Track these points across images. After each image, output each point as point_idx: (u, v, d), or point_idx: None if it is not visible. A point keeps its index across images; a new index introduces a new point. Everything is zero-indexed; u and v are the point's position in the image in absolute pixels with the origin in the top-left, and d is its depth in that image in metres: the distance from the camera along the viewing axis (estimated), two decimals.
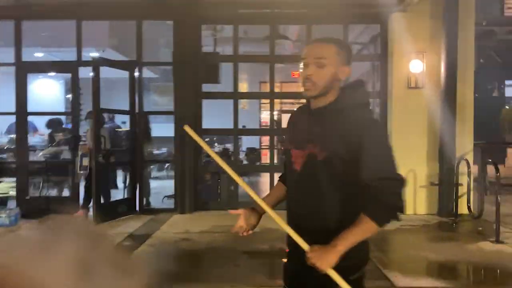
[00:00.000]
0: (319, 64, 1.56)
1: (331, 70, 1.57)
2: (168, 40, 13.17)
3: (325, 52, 1.57)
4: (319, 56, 1.56)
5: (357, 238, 1.48)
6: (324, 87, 1.58)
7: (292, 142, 1.68)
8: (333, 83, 1.59)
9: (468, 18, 6.45)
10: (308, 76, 1.57)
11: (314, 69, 1.56)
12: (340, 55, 1.58)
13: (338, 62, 1.58)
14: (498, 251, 4.63)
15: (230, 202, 7.02)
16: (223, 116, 9.17)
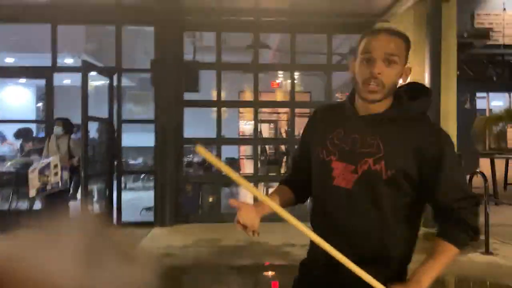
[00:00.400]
0: (391, 61, 1.30)
1: (400, 69, 1.33)
2: (145, 47, 12.95)
3: (396, 47, 1.31)
4: (390, 51, 1.30)
5: (440, 268, 1.30)
6: (391, 90, 1.34)
7: (330, 151, 1.39)
8: (397, 85, 1.36)
9: (450, 29, 6.52)
10: (376, 75, 1.29)
11: (383, 67, 1.29)
12: (407, 52, 1.36)
13: (405, 60, 1.35)
14: (488, 262, 4.59)
15: (212, 214, 6.81)
16: (201, 125, 8.97)
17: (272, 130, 16.69)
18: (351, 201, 1.35)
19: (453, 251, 1.30)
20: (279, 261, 4.77)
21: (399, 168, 1.30)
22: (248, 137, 17.11)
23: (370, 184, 1.32)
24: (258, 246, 5.32)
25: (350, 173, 1.34)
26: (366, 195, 1.33)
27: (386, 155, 1.30)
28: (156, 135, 6.45)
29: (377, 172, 1.30)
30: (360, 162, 1.32)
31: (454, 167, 1.33)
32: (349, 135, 1.37)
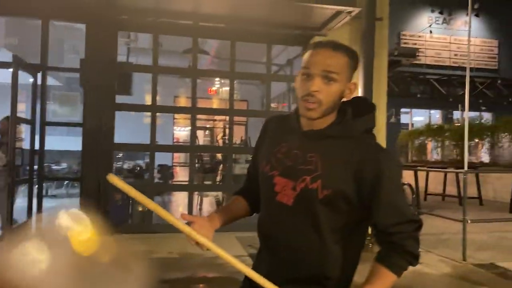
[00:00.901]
0: (330, 78, 1.24)
1: (340, 87, 1.26)
2: (73, 45, 12.22)
3: (337, 64, 1.25)
4: (329, 68, 1.24)
5: None
6: (330, 108, 1.27)
7: (274, 166, 1.34)
8: (339, 102, 1.30)
9: (382, 47, 6.84)
10: (313, 93, 1.24)
11: (321, 84, 1.24)
12: (351, 68, 1.29)
13: (348, 77, 1.29)
14: (414, 271, 4.78)
15: (142, 225, 6.49)
16: (133, 130, 8.60)
17: (208, 137, 16.50)
18: (290, 218, 1.30)
19: (390, 276, 1.26)
20: (214, 274, 4.62)
21: (336, 188, 1.24)
22: (184, 144, 16.81)
23: (307, 202, 1.27)
24: (192, 259, 5.14)
25: (290, 190, 1.29)
26: (305, 213, 1.28)
27: (324, 174, 1.25)
28: (84, 139, 6.03)
29: (313, 190, 1.25)
30: (299, 179, 1.28)
31: (394, 189, 1.27)
32: (291, 150, 1.33)
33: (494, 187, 11.43)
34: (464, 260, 5.14)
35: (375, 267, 1.27)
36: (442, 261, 5.19)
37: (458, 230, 6.03)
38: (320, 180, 1.25)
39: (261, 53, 10.07)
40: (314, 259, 1.29)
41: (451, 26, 16.16)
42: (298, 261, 1.30)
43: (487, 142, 12.65)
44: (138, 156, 13.02)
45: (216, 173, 9.58)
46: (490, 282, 4.42)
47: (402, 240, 1.26)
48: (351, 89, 1.31)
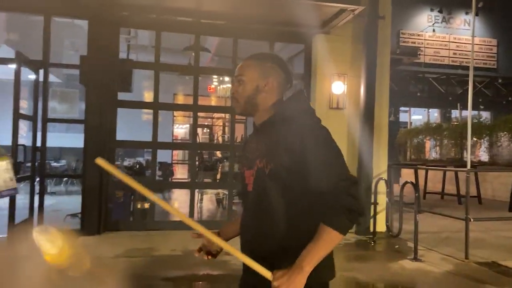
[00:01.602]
0: (239, 80, 1.57)
1: (251, 85, 1.55)
2: (72, 42, 12.16)
3: (243, 68, 1.58)
4: (238, 73, 1.58)
5: (322, 252, 1.35)
6: (247, 103, 1.56)
7: (244, 164, 1.62)
8: (257, 97, 1.55)
9: (385, 46, 6.84)
10: (231, 94, 1.62)
11: (236, 86, 1.57)
12: (260, 69, 1.56)
13: (260, 75, 1.55)
14: (417, 269, 4.82)
15: (144, 222, 6.48)
16: (131, 127, 8.56)
17: (206, 135, 16.47)
18: (252, 201, 1.53)
19: (331, 233, 1.34)
20: (217, 271, 4.61)
21: (276, 162, 1.44)
22: (184, 141, 16.79)
23: (260, 181, 1.48)
24: (195, 256, 5.13)
25: (251, 177, 1.54)
26: (260, 193, 1.48)
27: (267, 153, 1.48)
28: (85, 136, 6.01)
29: (261, 168, 1.48)
30: (254, 164, 1.52)
31: (321, 154, 1.41)
32: (250, 145, 1.61)
33: (493, 186, 11.47)
34: (466, 259, 5.16)
35: (319, 229, 1.36)
36: (444, 259, 5.20)
37: (458, 228, 6.05)
38: (265, 158, 1.48)
39: (261, 51, 10.06)
40: (273, 233, 1.45)
41: (451, 24, 16.17)
42: (261, 239, 1.48)
43: (485, 141, 12.68)
44: (136, 153, 13.00)
45: (216, 171, 9.57)
46: (493, 280, 4.44)
47: (336, 197, 1.36)
48: (267, 83, 1.55)
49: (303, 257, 1.32)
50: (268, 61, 1.58)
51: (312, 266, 1.32)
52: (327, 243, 1.35)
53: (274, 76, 1.56)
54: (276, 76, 1.56)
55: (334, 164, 1.42)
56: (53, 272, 0.71)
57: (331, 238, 1.34)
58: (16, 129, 5.20)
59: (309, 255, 1.32)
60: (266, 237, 1.46)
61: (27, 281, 0.74)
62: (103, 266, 0.82)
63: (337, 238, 1.35)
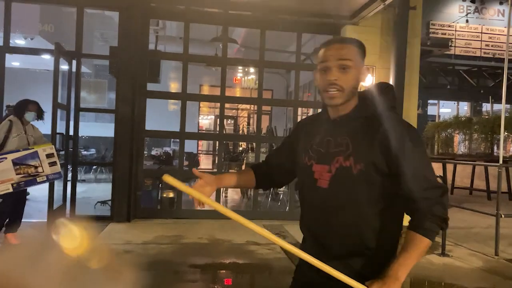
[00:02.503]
0: (344, 67, 1.39)
1: (356, 73, 1.41)
2: (101, 33, 12.38)
3: (348, 53, 1.40)
4: (343, 57, 1.39)
5: (415, 260, 1.32)
6: (350, 92, 1.41)
7: (311, 156, 1.49)
8: (357, 86, 1.44)
9: (415, 37, 6.71)
10: (334, 81, 1.39)
11: (339, 73, 1.39)
12: (360, 56, 1.44)
13: (360, 63, 1.43)
14: (445, 264, 4.76)
15: (172, 210, 6.61)
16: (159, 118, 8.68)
17: (231, 126, 16.56)
18: (329, 200, 1.42)
19: (424, 242, 1.33)
20: (243, 260, 4.68)
21: (367, 161, 1.35)
22: (209, 131, 16.95)
23: (343, 180, 1.38)
24: (221, 244, 5.22)
25: (326, 173, 1.42)
26: (341, 191, 1.39)
27: (354, 151, 1.38)
28: (116, 126, 6.15)
29: (347, 167, 1.37)
30: (333, 161, 1.41)
31: (418, 158, 1.36)
32: (324, 139, 1.47)
33: None
34: (496, 255, 5.06)
35: (409, 234, 1.35)
36: (473, 255, 5.12)
37: (488, 224, 5.94)
38: (352, 157, 1.38)
39: (286, 42, 10.00)
40: (355, 234, 1.40)
41: (483, 15, 15.65)
42: (339, 238, 1.42)
43: None
44: (163, 143, 13.20)
45: (241, 161, 9.64)
46: None
47: (430, 206, 1.33)
48: (365, 73, 1.46)
49: (399, 267, 1.30)
50: (363, 48, 1.46)
51: (405, 275, 1.30)
52: (420, 252, 1.33)
53: (364, 65, 1.46)
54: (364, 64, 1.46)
55: (429, 169, 1.38)
56: (73, 264, 0.75)
57: (424, 246, 1.33)
58: (55, 118, 5.38)
59: (404, 265, 1.30)
60: (343, 236, 1.41)
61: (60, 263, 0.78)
62: (120, 258, 0.86)
63: (428, 246, 1.34)
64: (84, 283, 0.76)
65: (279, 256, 4.69)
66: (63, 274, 0.75)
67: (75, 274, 0.76)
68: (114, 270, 0.84)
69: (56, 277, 0.72)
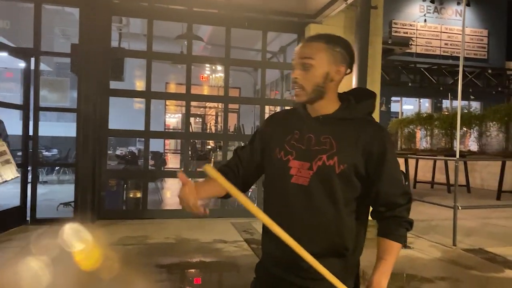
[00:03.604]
0: (305, 65, 1.38)
1: (321, 72, 1.38)
2: (62, 30, 12.00)
3: (310, 52, 1.38)
4: (304, 56, 1.38)
5: (392, 267, 1.39)
6: (314, 91, 1.40)
7: (288, 151, 1.44)
8: (326, 85, 1.40)
9: (377, 35, 6.88)
10: (294, 80, 1.41)
11: (300, 71, 1.39)
12: (332, 53, 1.39)
13: (330, 61, 1.38)
14: (407, 256, 4.92)
15: (137, 211, 6.51)
16: (123, 116, 8.51)
17: (199, 125, 16.45)
18: (307, 197, 1.39)
19: (399, 247, 1.41)
20: (211, 258, 4.68)
21: (350, 163, 1.36)
22: (176, 130, 16.75)
23: (325, 178, 1.37)
24: (188, 243, 5.19)
25: (306, 170, 1.39)
26: (322, 190, 1.38)
27: (338, 151, 1.37)
28: (78, 125, 5.99)
29: (330, 166, 1.36)
30: (315, 159, 1.38)
31: (394, 164, 1.41)
32: (304, 135, 1.43)
33: (482, 175, 11.66)
34: (454, 245, 5.28)
35: (383, 242, 1.40)
36: (432, 246, 5.32)
37: (447, 216, 6.17)
38: (336, 157, 1.37)
39: (254, 40, 10.02)
40: (331, 232, 1.39)
41: (442, 15, 16.23)
42: (316, 236, 1.40)
43: (475, 131, 12.83)
44: (128, 142, 12.96)
45: (209, 160, 9.60)
46: (480, 266, 4.56)
47: (401, 212, 1.39)
48: (338, 71, 1.41)
49: (381, 275, 1.36)
50: (339, 45, 1.42)
51: (387, 282, 1.37)
52: (396, 257, 1.40)
53: (344, 64, 1.41)
54: (345, 64, 1.42)
55: (400, 175, 1.43)
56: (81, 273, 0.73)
57: (398, 252, 1.41)
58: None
59: (385, 273, 1.36)
60: (319, 233, 1.39)
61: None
62: (132, 268, 0.84)
63: (399, 251, 1.42)
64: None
65: (246, 253, 4.72)
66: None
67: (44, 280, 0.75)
68: (126, 279, 0.83)
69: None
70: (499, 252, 5.09)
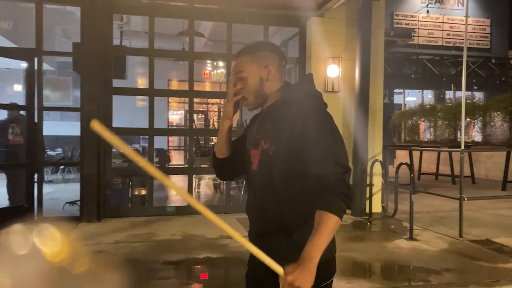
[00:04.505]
0: (240, 78, 1.57)
1: (254, 79, 1.56)
2: (64, 29, 12.00)
3: (240, 65, 1.58)
4: (237, 71, 1.58)
5: (326, 239, 1.35)
6: (257, 97, 1.58)
7: (250, 143, 1.65)
8: (264, 88, 1.57)
9: (379, 28, 6.84)
10: (236, 94, 1.59)
11: (239, 85, 1.58)
12: (257, 60, 1.57)
13: (259, 66, 1.56)
14: (413, 248, 4.92)
15: (143, 208, 6.53)
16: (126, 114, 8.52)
17: (201, 121, 16.44)
18: (257, 180, 1.57)
19: (331, 218, 1.35)
20: (217, 254, 4.69)
21: (279, 144, 1.48)
22: (180, 127, 16.77)
23: (264, 161, 1.53)
24: (194, 240, 5.21)
25: (256, 157, 1.57)
26: (264, 172, 1.53)
27: (270, 135, 1.52)
28: (82, 124, 6.01)
29: (266, 150, 1.52)
30: (259, 145, 1.56)
31: (319, 138, 1.43)
32: (256, 127, 1.63)
33: (486, 166, 11.62)
34: (460, 237, 5.27)
35: (316, 214, 1.37)
36: (439, 238, 5.31)
37: (453, 208, 6.17)
38: (269, 140, 1.52)
39: (255, 35, 9.99)
40: (272, 211, 1.51)
41: (444, 5, 16.10)
42: (263, 215, 1.55)
43: (479, 122, 12.78)
44: (133, 140, 12.98)
45: None
46: (487, 257, 4.55)
47: (333, 183, 1.38)
48: (269, 71, 1.57)
49: (311, 248, 1.31)
50: (260, 50, 1.59)
51: (320, 254, 1.32)
52: (329, 229, 1.35)
53: (271, 62, 1.56)
54: (273, 61, 1.57)
55: (332, 149, 1.43)
56: (53, 269, 0.72)
57: (332, 224, 1.35)
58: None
59: (317, 245, 1.32)
60: (268, 214, 1.52)
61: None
62: (104, 264, 0.83)
63: (336, 223, 1.36)
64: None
65: None
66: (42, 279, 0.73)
67: (54, 278, 0.74)
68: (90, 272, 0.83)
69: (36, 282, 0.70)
70: (506, 242, 5.08)
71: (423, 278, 3.99)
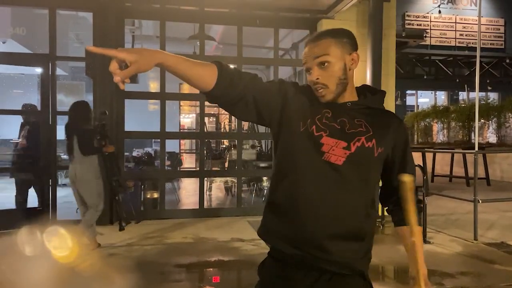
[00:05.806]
0: (323, 62, 1.38)
1: (339, 65, 1.39)
2: (76, 34, 12.16)
3: (322, 49, 1.39)
4: (318, 55, 1.38)
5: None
6: (339, 85, 1.41)
7: (320, 128, 1.38)
8: (347, 76, 1.41)
9: (390, 28, 6.80)
10: (316, 81, 1.40)
11: (319, 71, 1.39)
12: (341, 45, 1.40)
13: (343, 52, 1.40)
14: (427, 251, 4.85)
15: (155, 211, 6.57)
16: (138, 118, 8.59)
17: (212, 124, 16.50)
18: (339, 177, 1.36)
19: (420, 230, 1.46)
20: (229, 257, 4.69)
21: (385, 147, 1.42)
22: (191, 130, 16.85)
23: (362, 160, 1.38)
24: (206, 243, 5.22)
25: (341, 150, 1.36)
26: (355, 171, 1.37)
27: (375, 134, 1.40)
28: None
29: (369, 148, 1.38)
30: (353, 140, 1.38)
31: (410, 153, 1.53)
32: (336, 117, 1.41)
33: (501, 167, 11.44)
34: (475, 240, 5.19)
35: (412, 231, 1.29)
36: (453, 241, 5.24)
37: (467, 210, 6.09)
38: (374, 139, 1.40)
39: (265, 38, 9.99)
40: (360, 215, 1.39)
41: (457, 5, 15.94)
42: (345, 217, 1.37)
43: (493, 123, 12.60)
44: (145, 144, 13.06)
45: (224, 159, 9.62)
46: (502, 260, 4.48)
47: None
48: (353, 59, 1.44)
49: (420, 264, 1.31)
50: (344, 36, 1.43)
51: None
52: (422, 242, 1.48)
53: (355, 50, 1.44)
54: (356, 50, 1.45)
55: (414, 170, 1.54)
56: (63, 270, 0.73)
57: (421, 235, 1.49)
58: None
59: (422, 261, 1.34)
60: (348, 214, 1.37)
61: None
62: (112, 266, 0.84)
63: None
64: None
65: (264, 252, 4.69)
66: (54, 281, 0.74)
67: (67, 280, 0.75)
68: (103, 274, 0.84)
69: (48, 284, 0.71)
70: None
71: (438, 281, 3.93)
